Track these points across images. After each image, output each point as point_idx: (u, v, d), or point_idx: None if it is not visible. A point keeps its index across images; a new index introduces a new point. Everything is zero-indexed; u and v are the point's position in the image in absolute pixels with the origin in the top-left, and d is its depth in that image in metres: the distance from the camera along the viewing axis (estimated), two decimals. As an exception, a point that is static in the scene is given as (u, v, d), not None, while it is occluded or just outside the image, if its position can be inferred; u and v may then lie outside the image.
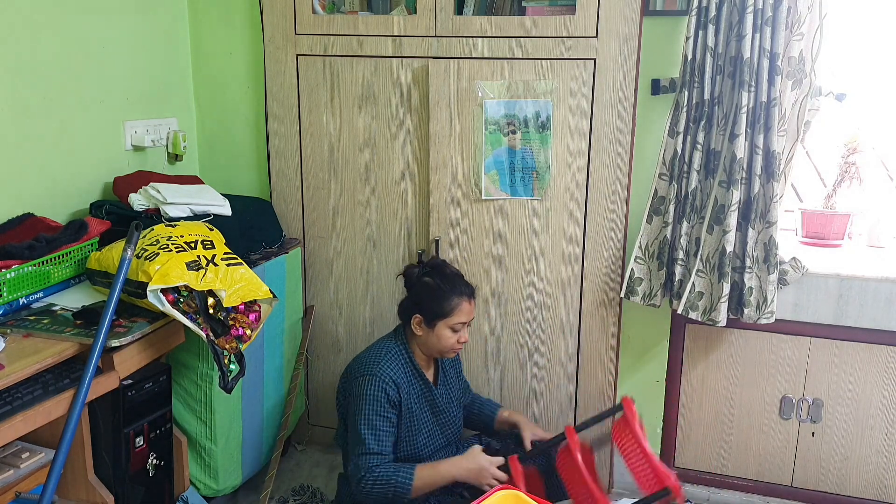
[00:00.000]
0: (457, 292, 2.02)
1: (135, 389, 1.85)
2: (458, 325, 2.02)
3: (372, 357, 2.06)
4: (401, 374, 2.04)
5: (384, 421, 1.99)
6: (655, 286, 2.30)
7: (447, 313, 2.01)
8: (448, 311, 2.01)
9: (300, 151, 2.58)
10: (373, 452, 1.96)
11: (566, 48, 2.27)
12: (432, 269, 2.09)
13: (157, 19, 2.51)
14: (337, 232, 2.61)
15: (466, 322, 2.05)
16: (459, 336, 2.04)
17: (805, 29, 2.04)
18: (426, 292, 2.04)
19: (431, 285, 2.04)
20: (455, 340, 2.04)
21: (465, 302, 2.03)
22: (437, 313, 2.01)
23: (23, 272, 1.80)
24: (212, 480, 2.19)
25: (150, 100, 2.50)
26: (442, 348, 2.05)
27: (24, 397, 1.53)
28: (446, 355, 2.09)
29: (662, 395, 2.52)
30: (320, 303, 2.69)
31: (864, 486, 2.37)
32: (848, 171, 2.43)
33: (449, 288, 2.03)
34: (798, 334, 2.32)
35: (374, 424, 1.98)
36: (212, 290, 1.80)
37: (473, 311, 2.07)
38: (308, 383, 2.77)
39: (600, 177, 2.33)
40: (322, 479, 2.59)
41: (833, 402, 2.34)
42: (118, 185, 2.26)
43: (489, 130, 2.36)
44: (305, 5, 2.45)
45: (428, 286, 2.04)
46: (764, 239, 2.16)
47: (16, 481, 1.66)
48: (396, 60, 2.41)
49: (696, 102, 2.15)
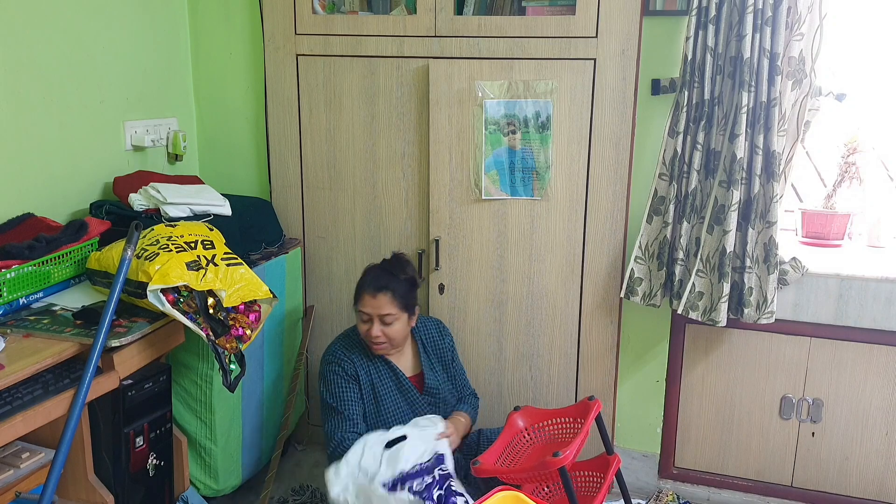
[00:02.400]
0: (362, 283, 2.16)
1: (135, 389, 1.85)
2: (364, 315, 2.13)
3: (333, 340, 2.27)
4: (353, 354, 2.18)
5: (344, 389, 2.14)
6: (655, 286, 2.30)
7: (355, 300, 2.16)
8: (355, 299, 2.16)
9: (300, 151, 2.58)
10: (337, 413, 2.12)
11: (566, 48, 2.27)
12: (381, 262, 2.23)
13: (157, 19, 2.51)
14: (337, 232, 2.61)
15: (372, 315, 2.11)
16: (367, 327, 2.12)
17: (805, 29, 2.04)
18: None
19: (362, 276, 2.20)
20: (365, 330, 2.13)
21: (368, 295, 2.12)
22: (354, 300, 2.17)
23: (23, 272, 1.80)
24: (212, 480, 2.19)
25: (150, 100, 2.50)
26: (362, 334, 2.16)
27: (24, 397, 1.53)
28: (371, 346, 2.16)
29: (662, 395, 2.52)
30: (320, 303, 2.69)
31: (864, 486, 2.37)
32: (848, 171, 2.43)
33: (363, 278, 2.17)
34: (798, 334, 2.32)
35: (335, 392, 2.14)
36: (212, 290, 1.80)
37: (381, 307, 2.10)
38: (308, 383, 2.77)
39: (600, 177, 2.33)
40: (322, 479, 2.57)
41: (833, 402, 2.34)
42: (118, 185, 2.26)
43: (489, 130, 2.36)
44: (305, 5, 2.45)
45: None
46: (764, 239, 2.16)
47: (16, 481, 1.66)
48: (396, 60, 2.41)
49: (696, 102, 2.15)
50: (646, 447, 2.57)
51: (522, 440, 2.08)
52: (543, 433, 2.09)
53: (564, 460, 1.75)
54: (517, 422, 2.09)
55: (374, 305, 2.10)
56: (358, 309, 2.14)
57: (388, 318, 2.11)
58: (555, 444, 2.04)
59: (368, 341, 2.15)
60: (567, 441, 2.00)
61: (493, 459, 1.96)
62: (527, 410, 2.12)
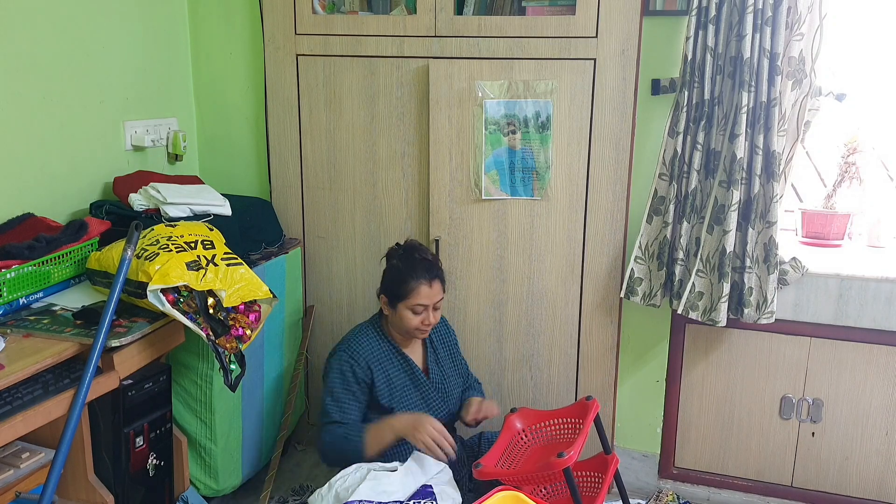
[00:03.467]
0: (415, 276, 2.07)
1: (135, 389, 1.85)
2: (419, 307, 2.08)
3: (345, 337, 2.19)
4: (370, 350, 2.13)
5: (348, 394, 2.09)
6: (655, 286, 2.30)
7: (405, 295, 2.07)
8: (406, 294, 2.07)
9: (300, 151, 2.58)
10: (334, 422, 2.07)
11: (566, 48, 2.27)
12: (404, 252, 2.15)
13: (157, 19, 2.51)
14: (337, 232, 2.61)
15: (429, 305, 2.09)
16: (423, 318, 2.09)
17: (805, 29, 2.04)
18: (390, 274, 2.13)
19: (395, 267, 2.12)
20: (419, 322, 2.09)
21: (424, 285, 2.07)
22: (398, 295, 2.09)
23: (23, 272, 1.80)
24: (212, 480, 2.19)
25: (150, 100, 2.50)
26: (406, 328, 2.11)
27: (24, 397, 1.53)
28: (414, 335, 2.15)
29: (662, 395, 2.52)
30: (320, 303, 2.69)
31: (864, 486, 2.37)
32: (848, 171, 2.43)
33: (408, 271, 2.08)
34: (798, 334, 2.32)
35: (338, 396, 2.08)
36: (212, 290, 1.80)
37: (437, 294, 2.10)
38: (308, 383, 2.77)
39: (600, 177, 2.33)
40: (322, 479, 2.57)
41: (833, 402, 2.34)
42: (118, 185, 2.26)
43: (489, 130, 2.36)
44: (305, 5, 2.45)
45: (392, 268, 2.13)
46: (764, 239, 2.16)
47: (16, 481, 1.66)
48: (396, 60, 2.41)
49: (696, 102, 2.15)
50: (646, 447, 2.57)
51: (521, 442, 2.08)
52: (542, 434, 2.09)
53: (569, 461, 1.75)
54: (515, 423, 2.09)
55: (430, 295, 2.08)
56: (412, 303, 2.06)
57: (439, 303, 2.12)
58: (554, 445, 2.04)
59: (416, 331, 2.11)
60: (568, 441, 2.00)
61: (494, 461, 1.95)
62: (523, 412, 2.11)
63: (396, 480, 1.83)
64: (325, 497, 1.84)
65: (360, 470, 1.89)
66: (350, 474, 1.88)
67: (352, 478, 1.87)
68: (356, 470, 1.89)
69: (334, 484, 1.86)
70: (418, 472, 1.88)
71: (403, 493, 1.81)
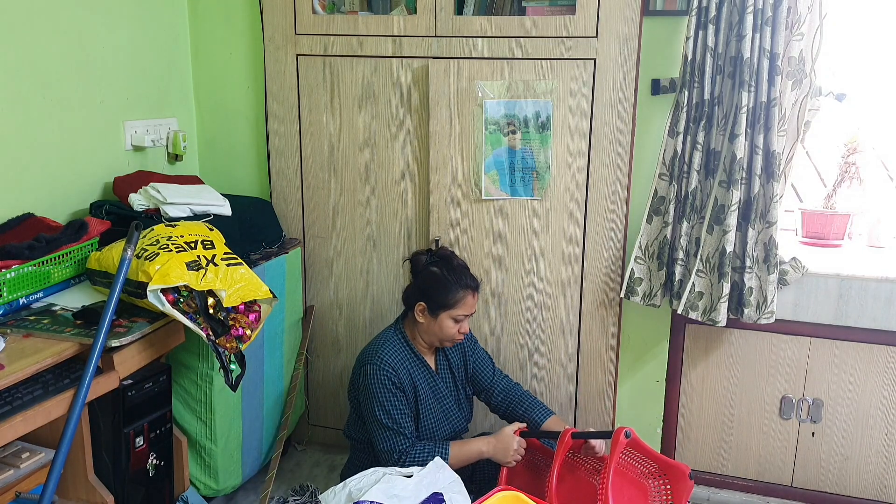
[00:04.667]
0: (462, 285, 2.05)
1: (135, 389, 1.85)
2: (461, 316, 2.06)
3: (372, 347, 2.12)
4: (399, 361, 2.07)
5: (395, 401, 2.02)
6: (655, 286, 2.30)
7: (451, 305, 2.04)
8: (452, 303, 2.04)
9: (300, 151, 2.58)
10: (393, 431, 2.01)
11: (566, 48, 2.27)
12: (440, 259, 2.12)
13: (157, 19, 2.51)
14: (337, 232, 2.61)
15: (469, 314, 2.08)
16: (461, 327, 2.07)
17: (805, 29, 2.04)
18: (433, 282, 2.06)
19: (438, 275, 2.06)
20: (456, 331, 2.07)
21: (470, 295, 2.06)
22: (442, 304, 2.04)
23: (23, 272, 1.80)
24: (212, 480, 2.19)
25: (150, 100, 2.50)
26: (443, 337, 2.08)
27: (24, 397, 1.53)
28: (446, 344, 2.13)
29: (662, 395, 2.52)
30: (320, 303, 2.69)
31: (864, 486, 2.37)
32: (848, 171, 2.43)
33: (455, 280, 2.05)
34: (798, 334, 2.32)
35: (387, 408, 2.02)
36: (212, 290, 1.80)
37: (476, 305, 2.10)
38: (308, 383, 2.77)
39: (600, 177, 2.33)
40: (322, 479, 2.59)
41: (833, 402, 2.34)
42: (118, 185, 2.26)
43: (489, 130, 2.36)
44: (305, 5, 2.45)
45: (435, 276, 2.07)
46: (764, 239, 2.16)
47: (16, 481, 1.66)
48: (396, 60, 2.41)
49: (696, 102, 2.15)
50: (646, 447, 2.57)
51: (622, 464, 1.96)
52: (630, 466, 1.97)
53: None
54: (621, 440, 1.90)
55: (473, 305, 2.08)
56: (456, 313, 2.04)
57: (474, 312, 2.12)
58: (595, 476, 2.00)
59: (449, 339, 2.08)
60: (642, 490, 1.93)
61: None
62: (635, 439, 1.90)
63: (410, 486, 1.84)
64: (337, 494, 1.85)
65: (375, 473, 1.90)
66: (366, 475, 1.89)
67: (367, 479, 1.87)
68: (373, 473, 1.90)
69: (349, 483, 1.86)
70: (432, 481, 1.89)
71: (415, 498, 1.81)
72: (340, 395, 2.74)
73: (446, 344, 2.12)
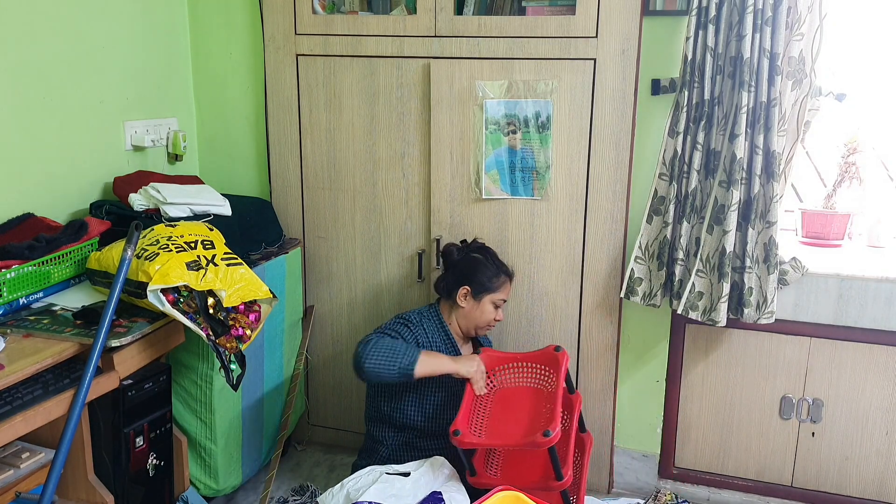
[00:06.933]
0: (503, 271, 2.23)
1: (135, 389, 1.85)
2: (500, 301, 2.20)
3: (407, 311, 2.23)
4: (426, 330, 2.17)
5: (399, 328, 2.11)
6: (655, 286, 2.30)
7: (495, 288, 2.19)
8: (496, 287, 2.19)
9: (300, 151, 2.58)
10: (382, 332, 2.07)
11: (566, 48, 2.27)
12: (480, 248, 2.27)
13: (157, 19, 2.51)
14: (337, 232, 2.61)
15: (505, 301, 2.22)
16: (497, 314, 2.20)
17: (805, 29, 2.04)
18: (477, 267, 2.21)
19: (482, 261, 2.22)
20: (493, 317, 2.20)
21: (508, 282, 2.23)
22: (486, 287, 2.18)
23: (23, 272, 1.80)
24: (212, 480, 2.19)
25: (150, 100, 2.50)
26: (480, 322, 2.19)
27: (24, 397, 1.53)
28: (481, 331, 2.23)
29: (662, 395, 2.52)
30: (320, 303, 2.69)
31: (864, 486, 2.37)
32: (848, 171, 2.43)
33: (497, 265, 2.22)
34: (798, 334, 2.32)
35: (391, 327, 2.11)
36: (212, 290, 1.81)
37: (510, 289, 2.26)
38: (308, 383, 2.77)
39: (600, 177, 2.33)
40: (322, 479, 2.59)
41: (833, 402, 2.34)
42: (118, 185, 2.26)
43: (489, 130, 2.36)
44: (305, 5, 2.45)
45: (479, 261, 2.22)
46: (764, 239, 2.16)
47: (16, 481, 1.66)
48: (396, 60, 2.41)
49: (696, 102, 2.15)
50: (646, 447, 2.57)
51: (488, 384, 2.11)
52: (507, 377, 2.15)
53: (554, 439, 1.77)
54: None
55: (509, 291, 2.23)
56: (498, 297, 2.18)
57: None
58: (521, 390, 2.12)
59: (487, 326, 2.20)
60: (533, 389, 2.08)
61: (467, 421, 1.93)
62: (487, 353, 2.17)
63: (407, 485, 1.84)
64: (336, 495, 1.85)
65: (372, 473, 1.90)
66: (363, 476, 1.89)
67: (364, 479, 1.88)
68: (369, 472, 1.90)
69: (346, 484, 1.87)
70: (430, 479, 1.89)
71: (413, 497, 1.82)
72: (340, 395, 2.74)
73: (480, 332, 2.22)
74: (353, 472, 1.96)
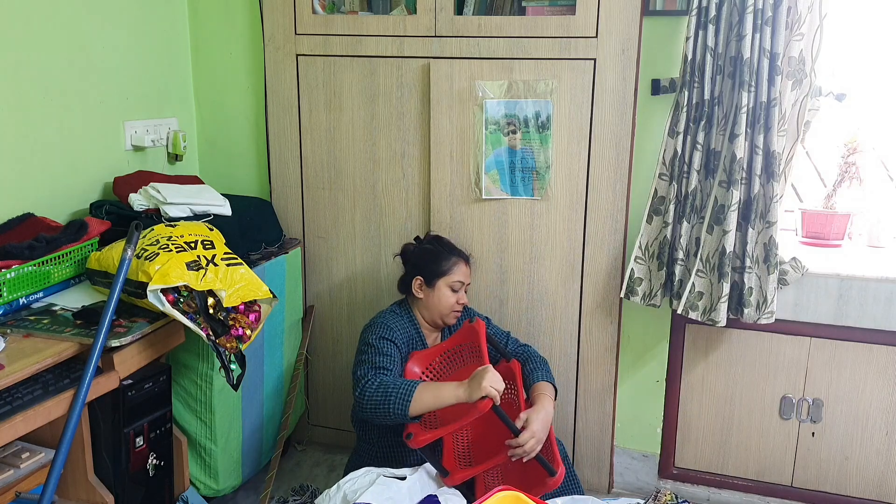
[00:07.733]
0: (454, 253, 2.21)
1: (135, 389, 1.85)
2: (457, 283, 2.17)
3: (378, 316, 2.21)
4: (400, 329, 2.14)
5: (384, 347, 2.06)
6: (655, 286, 2.30)
7: (446, 272, 2.17)
8: (446, 270, 2.17)
9: (300, 151, 2.58)
10: (374, 364, 2.00)
11: (566, 48, 2.27)
12: (431, 240, 2.27)
13: (157, 19, 2.51)
14: (337, 232, 2.61)
15: (464, 283, 2.19)
16: (458, 297, 2.18)
17: (805, 29, 2.04)
18: (426, 255, 2.21)
19: (431, 249, 2.22)
20: (455, 301, 2.17)
21: (462, 263, 2.20)
22: (437, 272, 2.17)
23: (23, 272, 1.80)
24: (212, 480, 2.19)
25: (150, 100, 2.50)
26: (442, 309, 2.17)
27: (24, 397, 1.53)
28: (447, 319, 2.19)
29: (662, 395, 2.52)
30: (320, 303, 2.69)
31: (864, 487, 2.37)
32: (848, 171, 2.43)
33: (447, 250, 2.21)
34: (798, 334, 2.32)
35: (377, 347, 2.06)
36: (212, 290, 1.80)
37: (470, 276, 2.24)
38: (308, 383, 2.77)
39: (600, 177, 2.33)
40: (322, 479, 2.59)
41: (833, 402, 2.34)
42: (118, 185, 2.26)
43: (489, 130, 2.36)
44: (305, 5, 2.45)
45: (427, 250, 2.22)
46: (764, 239, 2.16)
47: (16, 481, 1.66)
48: (396, 60, 2.41)
49: (696, 102, 2.15)
50: (646, 447, 2.57)
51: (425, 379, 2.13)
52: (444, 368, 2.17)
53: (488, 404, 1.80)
54: (413, 370, 2.13)
55: (466, 273, 2.20)
56: (451, 280, 2.16)
57: (468, 287, 2.24)
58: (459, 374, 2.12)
59: (451, 311, 2.18)
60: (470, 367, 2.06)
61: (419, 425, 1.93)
62: (414, 356, 2.16)
63: (404, 488, 1.84)
64: (332, 497, 1.85)
65: (369, 474, 1.90)
66: (359, 477, 1.89)
67: (361, 481, 1.87)
68: (366, 474, 1.90)
69: (343, 486, 1.86)
70: (427, 483, 1.89)
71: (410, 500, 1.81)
72: (340, 395, 2.74)
73: (448, 319, 2.19)
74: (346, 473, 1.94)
